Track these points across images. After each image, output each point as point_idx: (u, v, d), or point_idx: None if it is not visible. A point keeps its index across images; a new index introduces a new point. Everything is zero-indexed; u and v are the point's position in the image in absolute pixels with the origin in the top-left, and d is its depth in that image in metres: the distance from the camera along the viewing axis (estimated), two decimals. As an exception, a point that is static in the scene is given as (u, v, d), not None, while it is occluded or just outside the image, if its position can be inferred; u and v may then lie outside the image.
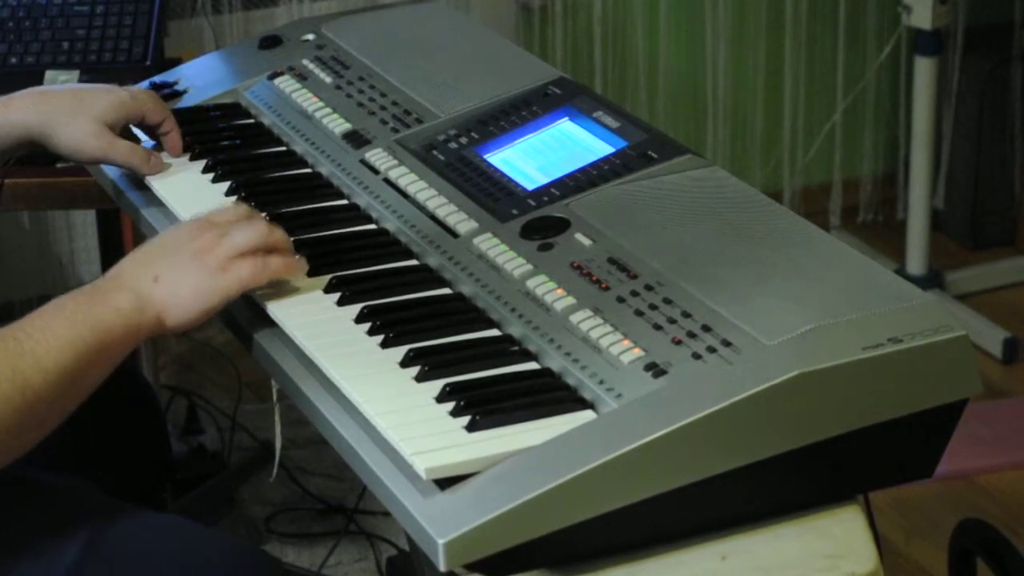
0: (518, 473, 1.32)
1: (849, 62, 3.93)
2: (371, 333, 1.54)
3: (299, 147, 1.93)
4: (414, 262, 1.68)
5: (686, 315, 1.46)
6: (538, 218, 1.65)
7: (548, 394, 1.43)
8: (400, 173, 1.80)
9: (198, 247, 1.57)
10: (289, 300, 1.60)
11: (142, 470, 1.95)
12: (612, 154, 1.73)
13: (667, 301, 1.48)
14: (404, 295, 1.61)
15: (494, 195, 1.71)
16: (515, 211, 1.68)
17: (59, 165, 2.22)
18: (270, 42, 2.15)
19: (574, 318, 1.49)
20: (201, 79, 2.12)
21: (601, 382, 1.41)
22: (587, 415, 1.40)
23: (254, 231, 1.58)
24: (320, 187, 1.85)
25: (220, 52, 2.27)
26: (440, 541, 1.28)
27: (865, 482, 1.45)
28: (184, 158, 1.92)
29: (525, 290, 1.56)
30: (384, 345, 1.52)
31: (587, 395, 1.42)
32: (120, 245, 2.81)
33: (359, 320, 1.56)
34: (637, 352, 1.43)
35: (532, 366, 1.49)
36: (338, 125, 1.92)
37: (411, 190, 1.76)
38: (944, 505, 2.98)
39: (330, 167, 1.86)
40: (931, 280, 3.63)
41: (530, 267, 1.59)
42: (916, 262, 3.66)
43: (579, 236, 1.61)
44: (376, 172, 1.82)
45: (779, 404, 1.35)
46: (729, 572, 1.36)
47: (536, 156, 1.78)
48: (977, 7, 3.90)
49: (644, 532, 1.36)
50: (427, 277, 1.65)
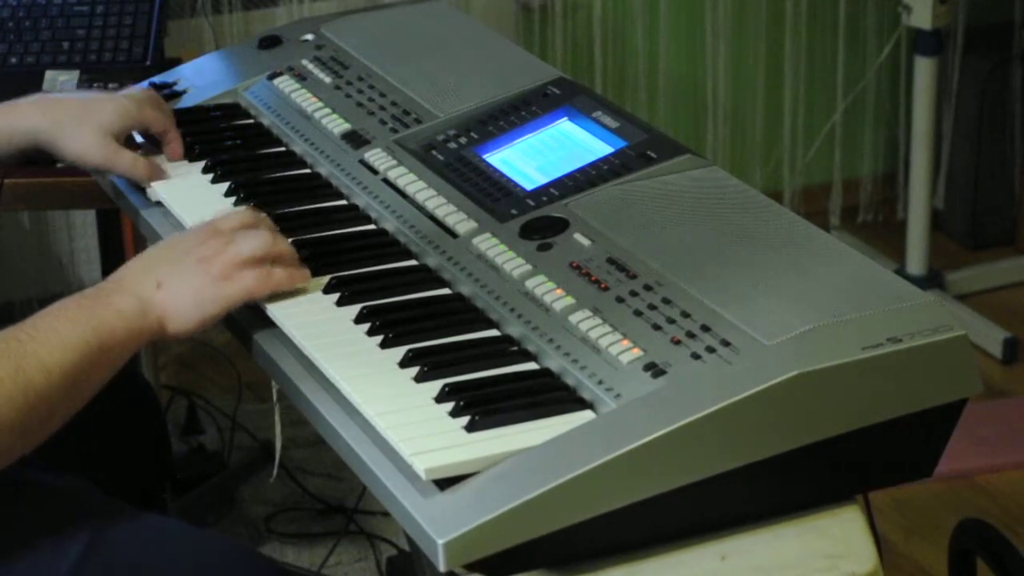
0: (518, 473, 1.32)
1: (849, 62, 3.93)
2: (370, 333, 1.54)
3: (298, 147, 1.93)
4: (413, 262, 1.68)
5: (685, 315, 1.45)
6: (537, 218, 1.65)
7: (547, 394, 1.43)
8: (399, 173, 1.80)
9: (202, 254, 1.57)
10: (288, 300, 1.60)
11: (142, 470, 1.95)
12: (611, 154, 1.73)
13: (666, 301, 1.48)
14: (403, 295, 1.61)
15: (493, 195, 1.71)
16: (514, 211, 1.68)
17: (59, 165, 2.21)
18: (270, 42, 2.14)
19: (573, 318, 1.49)
20: (200, 79, 2.12)
21: (600, 382, 1.41)
22: (586, 415, 1.40)
23: (259, 240, 1.58)
24: (319, 187, 1.85)
25: (220, 52, 2.27)
26: (440, 541, 1.28)
27: (865, 482, 1.45)
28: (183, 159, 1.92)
29: (524, 290, 1.56)
30: (383, 345, 1.52)
31: (586, 395, 1.42)
32: (120, 245, 2.80)
33: (358, 320, 1.56)
34: (636, 352, 1.43)
35: (531, 366, 1.49)
36: (337, 125, 1.92)
37: (410, 190, 1.76)
38: (944, 505, 2.97)
39: (329, 167, 1.86)
40: (931, 280, 3.63)
41: (529, 267, 1.58)
42: (916, 262, 3.66)
43: (578, 236, 1.61)
44: (375, 172, 1.82)
45: (778, 404, 1.35)
46: (729, 572, 1.36)
47: (535, 156, 1.77)
48: (977, 7, 3.90)
49: (644, 532, 1.36)
50: (426, 277, 1.65)
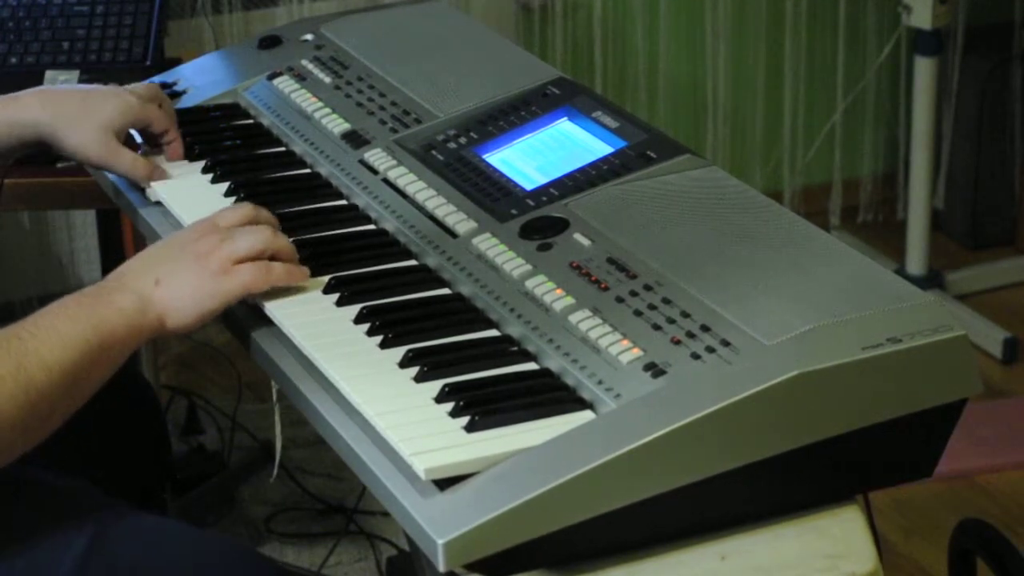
0: (518, 473, 1.32)
1: (849, 62, 3.93)
2: (370, 333, 1.54)
3: (298, 147, 1.93)
4: (413, 262, 1.68)
5: (685, 315, 1.45)
6: (537, 218, 1.65)
7: (547, 394, 1.43)
8: (399, 173, 1.80)
9: (200, 250, 1.57)
10: (288, 300, 1.60)
11: (142, 470, 1.95)
12: (611, 154, 1.73)
13: (666, 301, 1.48)
14: (403, 295, 1.61)
15: (493, 195, 1.71)
16: (514, 211, 1.68)
17: (59, 165, 2.22)
18: (269, 42, 2.14)
19: (573, 318, 1.49)
20: (200, 79, 2.12)
21: (600, 382, 1.41)
22: (586, 415, 1.40)
23: (258, 236, 1.59)
24: (319, 187, 1.85)
25: (219, 52, 2.27)
26: (440, 541, 1.28)
27: (865, 482, 1.45)
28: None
29: (524, 290, 1.56)
30: (383, 345, 1.52)
31: (586, 395, 1.42)
32: (120, 245, 2.80)
33: (358, 320, 1.56)
34: (636, 352, 1.43)
35: (531, 366, 1.49)
36: (337, 125, 1.92)
37: (410, 190, 1.76)
38: (944, 505, 2.97)
39: (329, 167, 1.86)
40: (931, 280, 3.63)
41: (529, 267, 1.58)
42: (916, 262, 3.66)
43: (578, 236, 1.61)
44: (375, 172, 1.82)
45: (778, 404, 1.35)
46: (729, 572, 1.36)
47: (535, 156, 1.77)
48: (977, 7, 3.90)
49: (644, 532, 1.36)
50: (426, 277, 1.65)
